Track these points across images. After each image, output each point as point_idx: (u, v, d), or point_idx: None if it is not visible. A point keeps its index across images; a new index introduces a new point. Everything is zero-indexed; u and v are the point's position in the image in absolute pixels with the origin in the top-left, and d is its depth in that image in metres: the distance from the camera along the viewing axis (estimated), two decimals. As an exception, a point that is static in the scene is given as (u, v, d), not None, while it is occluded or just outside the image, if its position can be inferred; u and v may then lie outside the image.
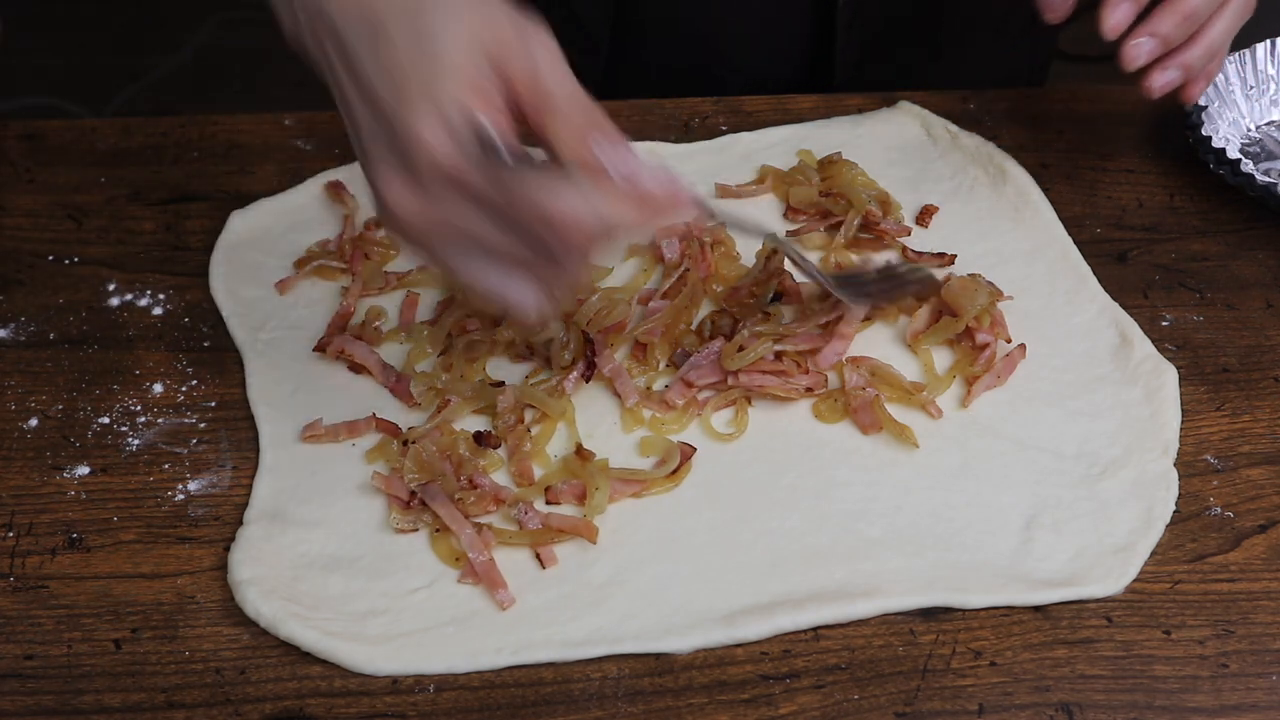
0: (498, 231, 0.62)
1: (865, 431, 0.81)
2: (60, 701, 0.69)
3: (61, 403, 0.83)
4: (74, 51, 2.67)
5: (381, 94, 0.62)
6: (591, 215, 0.61)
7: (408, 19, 0.63)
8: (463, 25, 0.62)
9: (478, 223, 0.62)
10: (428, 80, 0.61)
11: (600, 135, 0.63)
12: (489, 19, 0.63)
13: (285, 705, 0.69)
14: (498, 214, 0.62)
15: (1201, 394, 0.85)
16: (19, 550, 0.76)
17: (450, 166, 0.61)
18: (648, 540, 0.76)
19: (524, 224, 0.61)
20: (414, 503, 0.76)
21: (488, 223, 0.62)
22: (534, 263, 0.63)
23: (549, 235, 0.61)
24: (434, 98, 0.61)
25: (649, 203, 0.63)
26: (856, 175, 0.97)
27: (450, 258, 0.65)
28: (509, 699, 0.69)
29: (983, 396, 0.83)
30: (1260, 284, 0.92)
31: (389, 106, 0.62)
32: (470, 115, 0.61)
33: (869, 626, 0.72)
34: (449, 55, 0.62)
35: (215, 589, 0.74)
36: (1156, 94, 0.90)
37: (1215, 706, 0.69)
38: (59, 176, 0.99)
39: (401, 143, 0.61)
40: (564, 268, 0.63)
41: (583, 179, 0.62)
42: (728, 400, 0.83)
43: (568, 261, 0.63)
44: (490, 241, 0.63)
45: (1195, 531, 0.77)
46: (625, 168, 0.63)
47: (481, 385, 0.83)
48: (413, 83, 0.61)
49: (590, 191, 0.61)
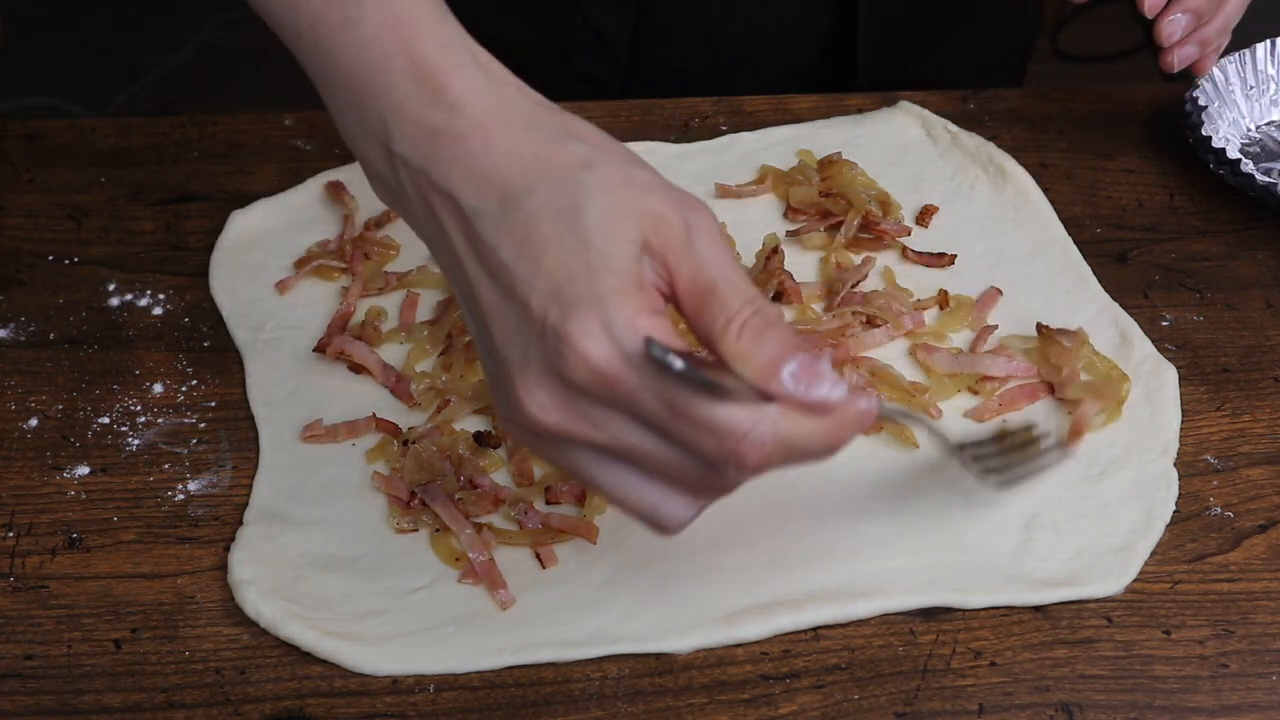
0: (654, 445, 0.57)
1: (865, 432, 0.81)
2: (60, 701, 0.69)
3: (61, 403, 0.83)
4: (74, 51, 2.67)
5: (529, 288, 0.56)
6: (773, 435, 0.55)
7: (558, 205, 0.57)
8: (624, 220, 0.56)
9: (631, 436, 0.57)
10: (590, 284, 0.55)
11: (788, 359, 0.56)
12: (651, 209, 0.57)
13: (285, 705, 0.69)
14: (658, 429, 0.56)
15: (1201, 394, 0.85)
16: (19, 550, 0.76)
17: (610, 376, 0.55)
18: (648, 540, 0.76)
19: (689, 441, 0.56)
20: (414, 503, 0.77)
21: (644, 437, 0.57)
22: (691, 478, 0.58)
23: (721, 454, 0.55)
24: (597, 306, 0.55)
25: (840, 427, 0.58)
26: (856, 175, 0.97)
27: (586, 467, 0.59)
28: (509, 699, 0.69)
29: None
30: (1260, 284, 0.92)
31: (541, 310, 0.56)
32: (638, 329, 0.55)
33: (869, 626, 0.72)
34: (610, 255, 0.56)
35: (215, 589, 0.74)
36: (1176, 69, 0.94)
37: (1215, 706, 0.69)
38: (59, 176, 0.99)
39: (555, 351, 0.55)
40: (728, 484, 0.59)
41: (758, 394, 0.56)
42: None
43: (735, 480, 0.58)
44: (642, 455, 0.57)
45: (1195, 531, 0.77)
46: (818, 395, 0.56)
47: (481, 385, 0.83)
48: (572, 285, 0.55)
49: (772, 411, 0.56)
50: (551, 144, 0.59)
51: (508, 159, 0.58)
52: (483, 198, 0.58)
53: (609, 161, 0.59)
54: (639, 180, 0.58)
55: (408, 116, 0.60)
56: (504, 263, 0.57)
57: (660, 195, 0.58)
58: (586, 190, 0.57)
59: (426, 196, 0.60)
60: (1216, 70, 1.01)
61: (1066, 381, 0.82)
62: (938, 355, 0.85)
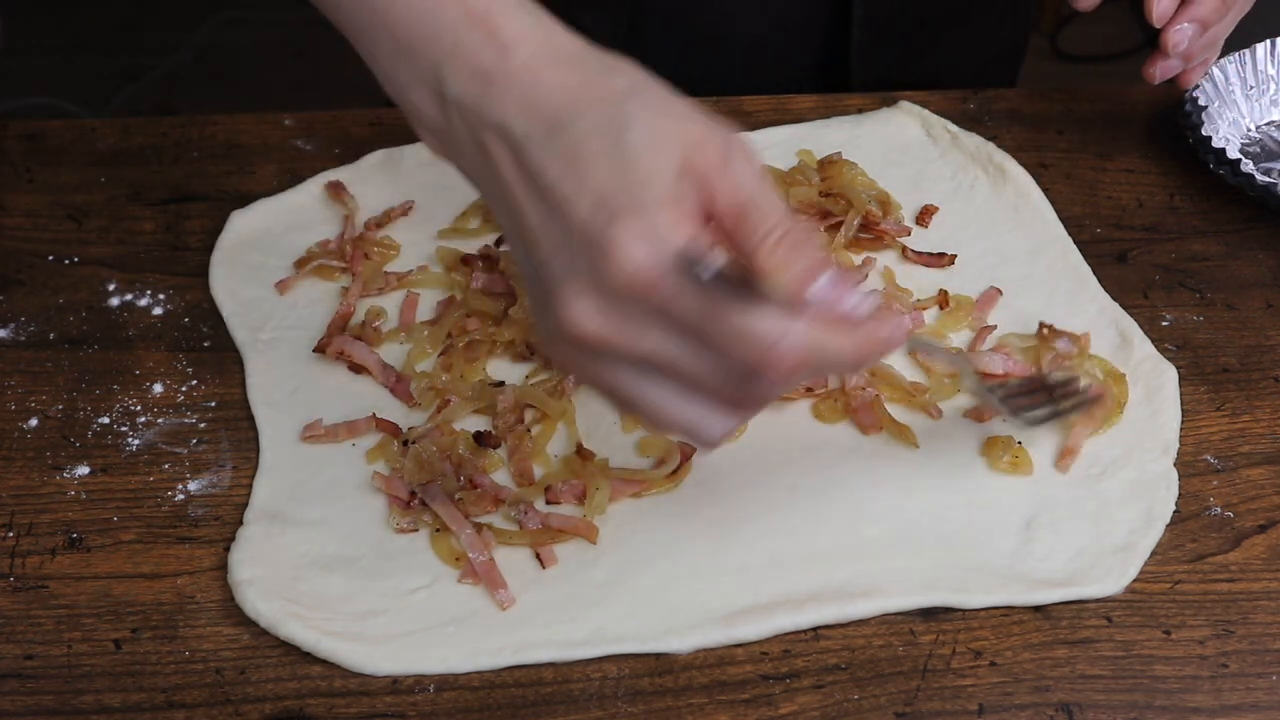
0: (691, 356, 0.59)
1: (865, 432, 0.81)
2: (60, 701, 0.69)
3: (61, 403, 0.83)
4: (74, 51, 2.67)
5: (573, 204, 0.59)
6: (805, 344, 0.57)
7: (604, 126, 0.59)
8: (667, 140, 0.59)
9: (670, 346, 0.59)
10: (633, 198, 0.58)
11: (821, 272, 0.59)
12: (691, 133, 0.60)
13: (285, 705, 0.69)
14: (696, 338, 0.58)
15: (1201, 394, 0.85)
16: (19, 550, 0.76)
17: (648, 280, 0.57)
18: (648, 540, 0.76)
19: (725, 349, 0.58)
20: (414, 503, 0.77)
21: (682, 347, 0.59)
22: (727, 389, 0.60)
23: (754, 360, 0.57)
24: (640, 214, 0.57)
25: (868, 341, 0.60)
26: (856, 175, 0.97)
27: (627, 383, 0.61)
28: (509, 699, 0.69)
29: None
30: (1260, 284, 0.92)
31: (587, 221, 0.58)
32: (677, 236, 0.58)
33: (869, 626, 0.72)
34: (653, 170, 0.58)
35: (215, 589, 0.74)
36: (1157, 80, 0.94)
37: (1215, 706, 0.69)
38: (59, 176, 0.99)
39: (600, 259, 0.58)
40: (761, 394, 0.60)
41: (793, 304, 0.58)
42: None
43: (768, 389, 0.60)
44: (681, 366, 0.60)
45: (1195, 531, 0.77)
46: (847, 306, 0.59)
47: (481, 385, 0.83)
48: (615, 197, 0.58)
49: (804, 320, 0.58)
50: (598, 76, 0.62)
51: (556, 90, 0.61)
52: (532, 125, 0.61)
53: (651, 91, 0.62)
54: (679, 108, 0.61)
55: (461, 60, 0.63)
56: (551, 183, 0.60)
57: (700, 122, 0.61)
58: (630, 114, 0.60)
59: (478, 134, 0.63)
60: (1217, 70, 1.01)
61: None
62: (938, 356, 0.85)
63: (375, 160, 0.99)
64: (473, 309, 0.87)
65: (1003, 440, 0.80)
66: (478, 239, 0.94)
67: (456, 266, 0.91)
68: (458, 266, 0.91)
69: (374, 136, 1.02)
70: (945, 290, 0.89)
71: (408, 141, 1.00)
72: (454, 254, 0.92)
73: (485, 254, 0.91)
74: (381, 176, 0.98)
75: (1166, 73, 0.94)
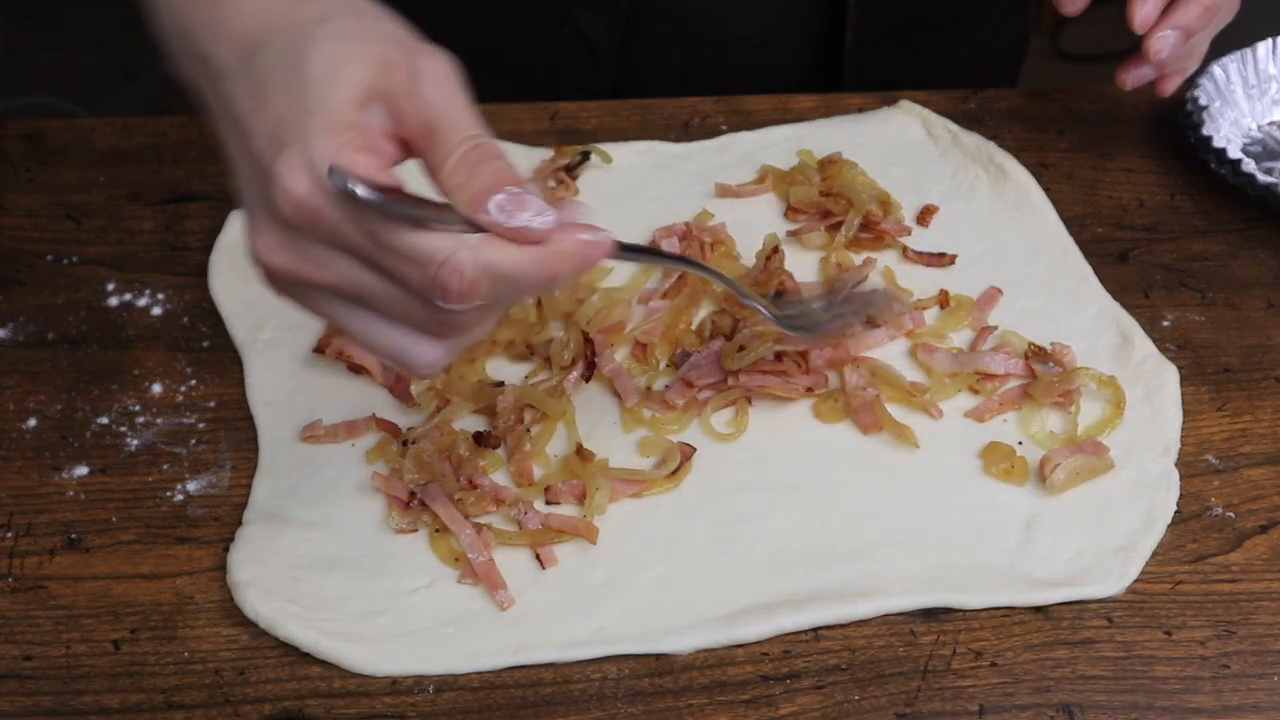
0: (377, 282, 0.58)
1: (865, 431, 0.81)
2: (59, 702, 0.69)
3: (60, 403, 0.83)
4: (74, 51, 2.67)
5: (255, 136, 0.59)
6: (475, 260, 0.56)
7: (286, 55, 0.59)
8: (347, 63, 0.58)
9: (355, 274, 0.58)
10: (301, 124, 0.57)
11: (498, 189, 0.57)
12: (377, 54, 0.59)
13: (285, 706, 0.69)
14: (370, 264, 0.58)
15: (1203, 394, 0.84)
16: (18, 550, 0.75)
17: (311, 210, 0.56)
18: (648, 540, 0.76)
19: (398, 272, 0.57)
20: (414, 503, 0.76)
21: (364, 274, 0.58)
22: (420, 315, 0.59)
23: (427, 281, 0.57)
24: (302, 144, 0.57)
25: (553, 256, 0.58)
26: (857, 175, 0.96)
27: (329, 310, 0.61)
28: (509, 699, 0.69)
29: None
30: (1261, 284, 0.92)
31: (259, 149, 0.58)
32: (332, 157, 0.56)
33: (869, 627, 0.72)
34: (327, 98, 0.57)
35: (214, 589, 0.74)
36: (1129, 87, 0.94)
37: (1216, 707, 0.69)
38: (58, 176, 0.99)
39: (270, 190, 0.57)
40: (455, 319, 0.59)
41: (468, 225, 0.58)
42: (728, 400, 0.83)
43: (455, 313, 0.59)
44: (369, 292, 0.59)
45: (1196, 532, 0.77)
46: (521, 221, 0.57)
47: (481, 385, 0.83)
48: (287, 127, 0.57)
49: (474, 238, 0.57)
50: (295, 4, 0.62)
51: (254, 19, 0.61)
52: (229, 56, 0.61)
53: (345, 16, 0.61)
54: (373, 31, 0.60)
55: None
56: (240, 114, 0.60)
57: (391, 43, 0.60)
58: (314, 40, 0.59)
59: (193, 63, 0.63)
60: (1218, 69, 1.01)
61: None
62: (938, 355, 0.85)
63: (375, 160, 0.99)
64: (472, 309, 0.87)
65: (1001, 447, 0.80)
66: (477, 239, 0.93)
67: (456, 266, 0.91)
68: (457, 266, 0.91)
69: (374, 136, 1.02)
70: (945, 290, 0.89)
71: (407, 141, 1.00)
72: (454, 254, 0.91)
73: (485, 254, 0.91)
74: (381, 176, 0.98)
75: (1139, 81, 0.94)
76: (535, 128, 1.03)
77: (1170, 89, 0.96)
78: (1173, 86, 0.96)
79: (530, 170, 0.98)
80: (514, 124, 1.03)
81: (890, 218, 0.94)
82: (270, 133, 0.58)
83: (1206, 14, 0.90)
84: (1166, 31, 0.90)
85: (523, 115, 1.04)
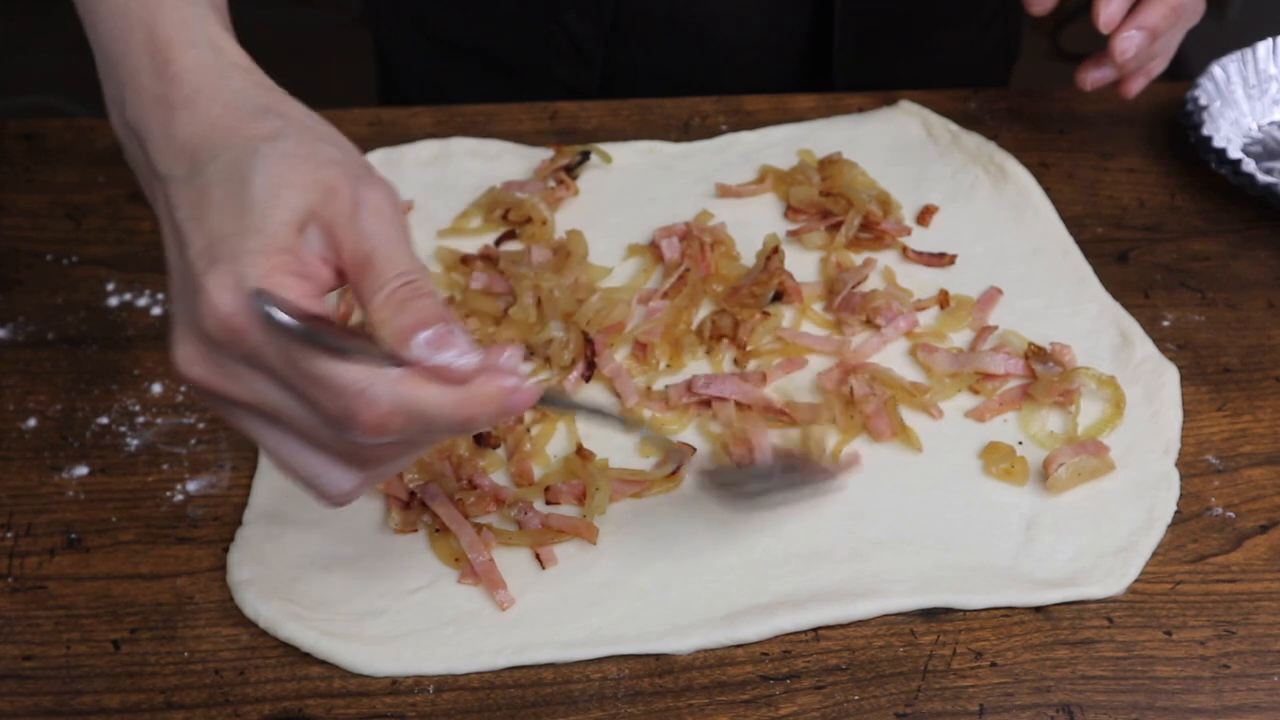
0: (295, 406, 0.58)
1: (877, 439, 0.81)
2: (59, 702, 0.69)
3: (60, 403, 0.83)
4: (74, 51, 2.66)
5: (190, 246, 0.58)
6: (392, 394, 0.56)
7: (231, 170, 0.59)
8: (289, 186, 0.58)
9: (272, 394, 0.58)
10: (236, 242, 0.57)
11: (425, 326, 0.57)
12: (321, 180, 0.59)
13: (285, 706, 0.69)
14: (288, 387, 0.58)
15: (1203, 394, 0.84)
16: (18, 551, 0.75)
17: (235, 329, 0.56)
18: (648, 540, 0.76)
19: (314, 398, 0.57)
20: (414, 503, 0.76)
21: (284, 395, 0.58)
22: (334, 444, 0.59)
23: (341, 410, 0.56)
24: (235, 262, 0.57)
25: (472, 398, 0.58)
26: (857, 175, 0.96)
27: (247, 426, 0.61)
28: (509, 699, 0.69)
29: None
30: (1262, 284, 0.92)
31: (192, 260, 0.58)
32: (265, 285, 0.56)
33: (869, 627, 0.72)
34: (265, 218, 0.57)
35: (214, 589, 0.74)
36: (1088, 88, 0.94)
37: (1217, 707, 0.69)
38: (58, 176, 0.99)
39: (197, 304, 0.57)
40: (368, 451, 0.59)
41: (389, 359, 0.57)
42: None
43: (368, 445, 0.59)
44: (286, 415, 0.59)
45: (1196, 532, 0.77)
46: (443, 359, 0.57)
47: (481, 385, 0.83)
48: (222, 243, 0.57)
49: (394, 373, 0.56)
50: (248, 118, 0.61)
51: (205, 129, 0.61)
52: (177, 164, 0.61)
53: (296, 136, 0.61)
54: (321, 155, 0.60)
55: (138, 85, 0.63)
56: (179, 223, 0.60)
57: (337, 170, 0.60)
58: (261, 158, 0.59)
59: (143, 162, 0.64)
60: (1218, 69, 1.01)
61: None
62: (938, 355, 0.84)
63: (375, 160, 0.99)
64: (473, 309, 0.87)
65: (1002, 447, 0.79)
66: (478, 239, 0.94)
67: (456, 266, 0.91)
68: (458, 266, 0.91)
69: (374, 136, 1.02)
70: (946, 290, 0.89)
71: (408, 141, 1.00)
72: (454, 254, 0.92)
73: (485, 254, 0.91)
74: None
75: (1099, 82, 0.93)
76: (535, 128, 1.03)
77: (1135, 90, 0.95)
78: (1137, 87, 0.95)
79: (530, 170, 0.98)
80: (514, 124, 1.03)
81: (890, 218, 0.94)
82: (205, 246, 0.58)
83: (1171, 14, 0.89)
84: (1132, 32, 0.89)
85: (523, 115, 1.04)
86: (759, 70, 1.11)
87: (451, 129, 1.03)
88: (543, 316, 0.86)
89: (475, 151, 1.00)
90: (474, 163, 0.99)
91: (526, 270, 0.89)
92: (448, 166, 0.99)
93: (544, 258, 0.90)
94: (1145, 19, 0.89)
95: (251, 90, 0.63)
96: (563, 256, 0.90)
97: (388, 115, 1.04)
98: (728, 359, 0.86)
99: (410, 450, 0.61)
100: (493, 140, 1.01)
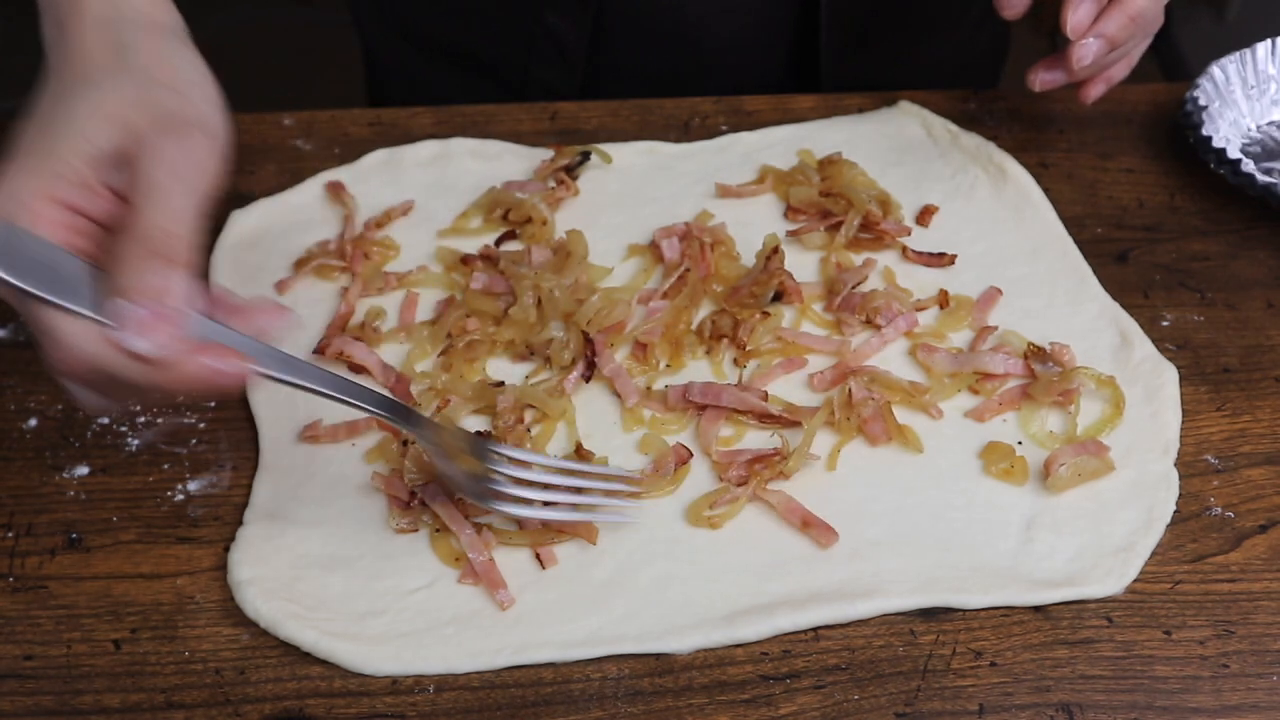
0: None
1: (874, 443, 0.81)
2: (59, 702, 0.69)
3: (61, 402, 0.83)
4: (74, 51, 2.66)
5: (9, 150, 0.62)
6: (73, 347, 0.59)
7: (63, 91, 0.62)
8: (96, 118, 0.61)
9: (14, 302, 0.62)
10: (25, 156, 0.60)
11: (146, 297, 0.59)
12: (128, 120, 0.62)
13: (285, 705, 0.69)
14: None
15: (1202, 394, 0.84)
16: (18, 550, 0.75)
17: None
18: (648, 540, 0.76)
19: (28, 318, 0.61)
20: (414, 503, 0.76)
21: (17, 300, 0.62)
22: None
23: (40, 349, 0.61)
24: (11, 180, 0.60)
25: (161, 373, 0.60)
26: (856, 175, 0.97)
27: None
28: (509, 699, 0.69)
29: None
30: (1261, 284, 0.92)
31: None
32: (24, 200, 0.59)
33: (869, 627, 0.72)
34: (58, 143, 0.61)
35: (215, 589, 0.74)
36: (1037, 89, 0.94)
37: (1216, 707, 0.69)
38: (59, 176, 0.99)
39: None
40: (96, 385, 0.63)
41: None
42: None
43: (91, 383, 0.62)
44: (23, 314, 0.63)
45: (1196, 532, 0.77)
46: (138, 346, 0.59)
47: (481, 385, 0.83)
48: (19, 151, 0.61)
49: (87, 328, 0.59)
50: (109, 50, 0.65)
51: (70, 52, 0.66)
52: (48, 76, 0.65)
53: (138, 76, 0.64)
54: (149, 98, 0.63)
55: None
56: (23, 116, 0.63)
57: (149, 114, 0.62)
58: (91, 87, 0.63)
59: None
60: (1217, 69, 1.01)
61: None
62: (938, 355, 0.85)
63: (375, 160, 0.99)
64: (473, 309, 0.87)
65: (1001, 447, 0.80)
66: (478, 239, 0.94)
67: (456, 266, 0.91)
68: (457, 266, 0.91)
69: (374, 136, 1.02)
70: (945, 290, 0.89)
71: (408, 141, 1.00)
72: (454, 254, 0.92)
73: (485, 254, 0.91)
74: (381, 176, 0.98)
75: (1048, 84, 0.93)
76: (535, 128, 1.03)
77: (1094, 95, 0.95)
78: (1097, 93, 0.95)
79: (530, 171, 0.98)
80: (514, 124, 1.03)
81: (890, 218, 0.94)
82: (12, 147, 0.61)
83: (1130, 24, 0.89)
84: (1089, 40, 0.90)
85: (523, 115, 1.04)
86: (744, 71, 1.11)
87: (451, 129, 1.03)
88: (543, 316, 0.87)
89: (475, 152, 1.00)
90: (474, 163, 0.99)
91: (526, 270, 0.89)
92: (448, 166, 0.99)
93: (544, 258, 0.90)
94: (1104, 27, 0.89)
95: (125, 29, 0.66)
96: (563, 256, 0.90)
97: (388, 115, 1.04)
98: (728, 359, 0.86)
99: (145, 393, 0.63)
100: (493, 140, 1.01)
